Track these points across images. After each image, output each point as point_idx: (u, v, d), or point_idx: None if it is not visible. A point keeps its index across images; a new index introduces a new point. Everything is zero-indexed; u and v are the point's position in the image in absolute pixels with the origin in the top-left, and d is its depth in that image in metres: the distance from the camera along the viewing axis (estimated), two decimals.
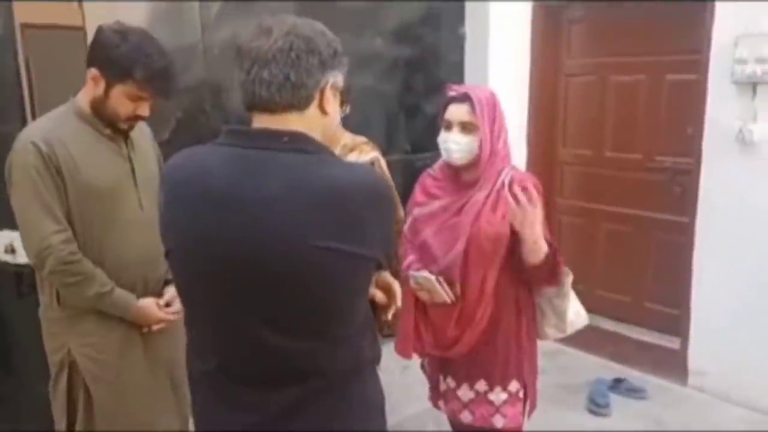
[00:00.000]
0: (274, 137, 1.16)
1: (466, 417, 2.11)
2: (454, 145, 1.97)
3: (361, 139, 2.53)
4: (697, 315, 3.28)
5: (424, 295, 2.01)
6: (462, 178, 2.05)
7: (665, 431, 3.02)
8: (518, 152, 3.97)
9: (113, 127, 1.84)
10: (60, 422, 1.93)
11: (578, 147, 3.95)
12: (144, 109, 1.82)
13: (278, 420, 1.22)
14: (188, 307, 1.28)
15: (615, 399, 3.26)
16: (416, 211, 2.13)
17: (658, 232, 3.60)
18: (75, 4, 2.40)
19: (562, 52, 3.92)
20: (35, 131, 1.77)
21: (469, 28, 3.80)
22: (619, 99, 3.70)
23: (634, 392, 3.32)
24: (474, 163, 1.99)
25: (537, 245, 1.86)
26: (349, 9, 3.33)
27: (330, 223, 1.12)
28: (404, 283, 2.07)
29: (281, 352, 1.18)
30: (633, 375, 3.49)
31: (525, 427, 2.17)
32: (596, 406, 3.18)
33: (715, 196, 3.12)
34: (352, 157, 2.44)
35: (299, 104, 1.17)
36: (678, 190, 3.43)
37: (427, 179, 2.16)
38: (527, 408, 2.11)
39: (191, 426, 1.46)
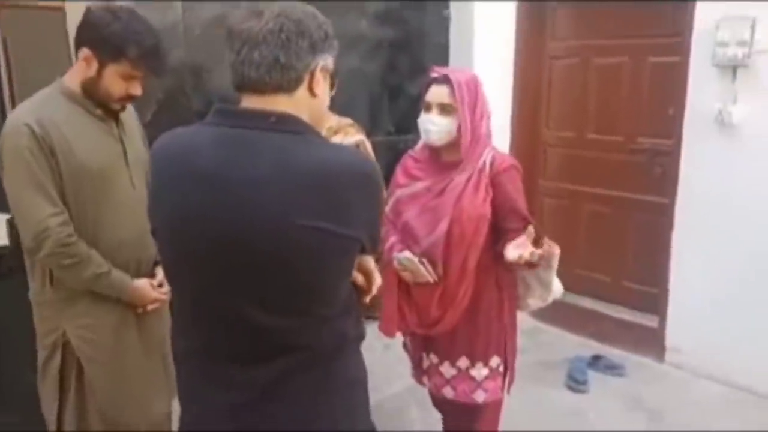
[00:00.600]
0: (261, 117, 1.17)
1: (448, 392, 2.16)
2: (432, 126, 2.00)
3: (347, 121, 2.53)
4: (675, 294, 3.35)
5: (407, 276, 2.04)
6: (443, 159, 2.07)
7: (642, 407, 3.09)
8: (502, 134, 3.99)
9: (105, 108, 1.83)
10: (50, 405, 1.92)
11: (562, 129, 3.97)
12: (136, 88, 1.81)
13: (262, 397, 1.24)
14: (174, 285, 1.30)
15: (593, 376, 3.34)
16: (398, 193, 2.16)
17: (639, 213, 3.65)
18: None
19: (546, 35, 3.92)
20: (26, 113, 1.74)
21: (454, 10, 3.78)
22: (602, 81, 3.72)
23: (613, 369, 3.39)
24: (454, 145, 2.02)
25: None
26: None
27: (316, 203, 1.13)
28: (387, 263, 2.11)
29: (266, 330, 1.20)
30: (612, 353, 3.57)
31: (505, 400, 2.24)
32: (575, 383, 3.25)
33: (694, 177, 3.17)
34: (337, 139, 2.44)
35: (288, 86, 1.18)
36: (658, 172, 3.48)
37: (409, 160, 2.18)
38: (507, 382, 2.17)
39: (176, 404, 1.48)
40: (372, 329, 2.32)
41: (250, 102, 1.20)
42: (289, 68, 1.16)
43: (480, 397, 2.12)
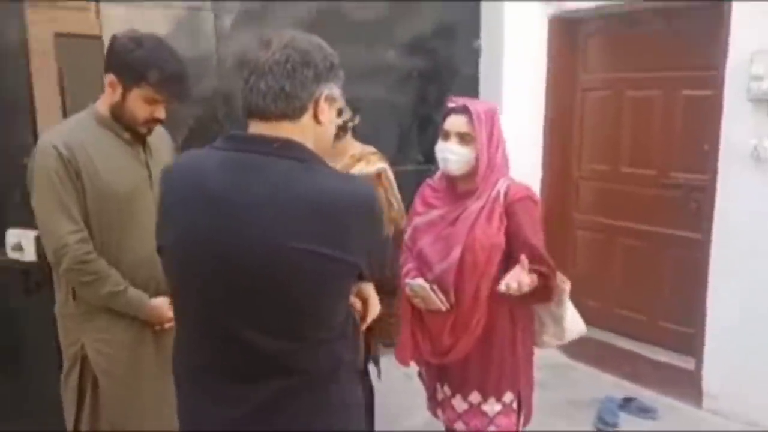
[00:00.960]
0: (266, 143, 1.21)
1: (460, 427, 2.12)
2: (451, 155, 2.01)
3: (370, 149, 2.56)
4: (712, 335, 3.20)
5: (419, 303, 2.03)
6: (459, 188, 2.07)
7: None
8: (533, 166, 3.96)
9: (132, 132, 1.90)
10: (70, 413, 1.99)
11: (594, 162, 3.91)
12: (160, 112, 1.88)
13: (258, 416, 1.25)
14: (177, 304, 1.33)
15: (624, 418, 3.20)
16: (416, 221, 2.17)
17: (674, 248, 3.53)
18: (92, 15, 2.48)
19: (578, 66, 3.90)
20: (56, 136, 1.83)
21: (485, 41, 3.81)
22: (634, 114, 3.66)
23: (645, 412, 3.25)
24: (470, 174, 2.02)
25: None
26: (362, 21, 3.37)
27: (313, 228, 1.16)
28: (404, 291, 2.10)
29: (263, 351, 1.22)
30: (645, 395, 3.42)
31: None
32: (604, 424, 3.12)
33: (730, 213, 3.06)
34: (359, 167, 2.47)
35: (293, 114, 1.22)
36: (693, 207, 3.37)
37: (427, 189, 2.19)
38: (521, 419, 2.11)
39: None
40: (392, 360, 2.31)
41: (257, 128, 1.24)
42: (293, 97, 1.21)
43: None
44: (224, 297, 1.20)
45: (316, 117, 1.25)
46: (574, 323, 2.11)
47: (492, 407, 2.05)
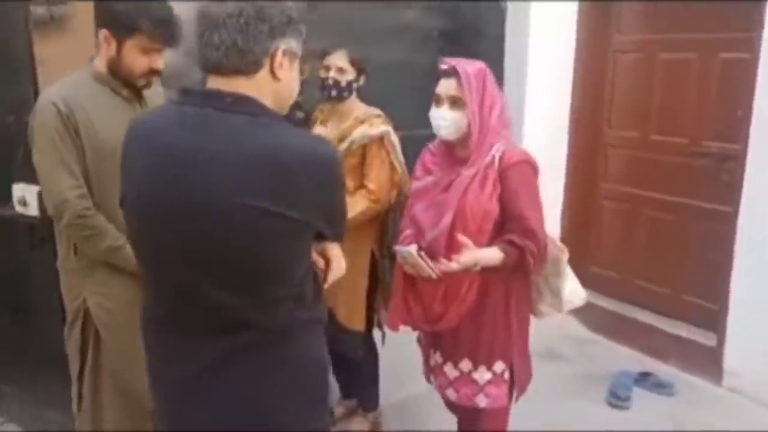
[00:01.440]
0: (219, 98, 1.20)
1: (451, 394, 2.10)
2: (442, 121, 1.95)
3: (374, 111, 2.52)
4: (735, 311, 3.07)
5: (409, 269, 2.00)
6: (456, 154, 2.02)
7: (682, 431, 2.86)
8: (560, 132, 3.83)
9: (131, 86, 1.91)
10: (74, 365, 2.06)
11: (623, 129, 3.74)
12: (157, 62, 1.88)
13: (212, 371, 1.26)
14: (137, 255, 1.34)
15: (639, 393, 3.12)
16: (413, 185, 2.14)
17: (703, 221, 3.37)
18: None
19: (612, 27, 3.70)
20: (55, 93, 1.86)
21: (511, 1, 3.66)
22: (667, 78, 3.47)
23: (661, 388, 3.16)
24: (466, 139, 1.96)
25: (484, 264, 1.86)
26: None
27: (262, 184, 1.15)
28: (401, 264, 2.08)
29: (217, 305, 1.23)
30: (663, 370, 3.32)
31: (513, 409, 2.14)
32: (616, 399, 3.05)
33: (759, 185, 2.89)
34: (362, 129, 2.44)
35: (247, 69, 1.20)
36: (725, 178, 3.20)
37: (427, 155, 2.15)
38: (515, 391, 2.07)
39: None
40: (406, 328, 2.31)
41: (214, 83, 1.22)
42: (246, 52, 1.19)
43: (482, 402, 2.03)
44: (178, 251, 1.21)
45: (272, 72, 1.22)
46: (573, 293, 2.05)
47: (482, 375, 2.01)
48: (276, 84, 1.24)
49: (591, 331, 3.79)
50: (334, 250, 1.48)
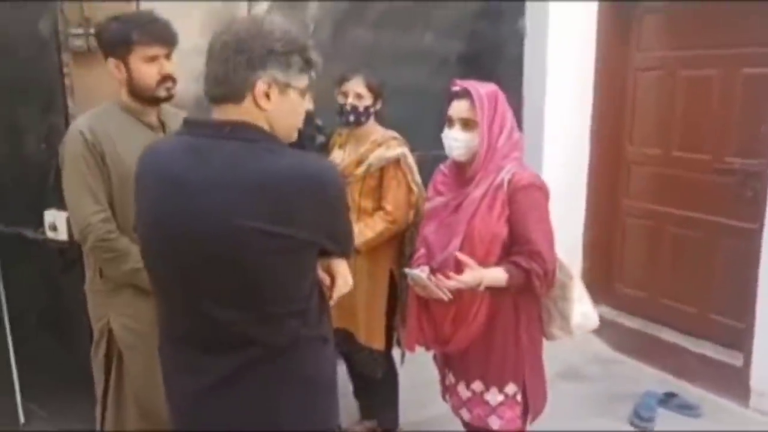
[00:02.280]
0: (219, 127, 1.27)
1: (464, 414, 2.11)
2: (454, 142, 1.98)
3: (391, 134, 2.56)
4: (762, 330, 3.00)
5: (420, 291, 2.02)
6: (465, 174, 2.04)
7: None
8: (580, 151, 3.82)
9: (154, 101, 1.98)
10: (98, 384, 2.13)
11: (645, 146, 3.72)
12: (165, 67, 1.94)
13: (221, 386, 1.31)
14: (150, 278, 1.41)
15: (664, 414, 3.07)
16: (426, 206, 2.18)
17: (728, 239, 3.32)
18: (133, 5, 2.59)
19: (632, 44, 3.70)
20: (83, 122, 1.97)
21: (530, 21, 3.68)
22: (690, 95, 3.44)
23: (687, 409, 3.10)
24: (477, 160, 1.98)
25: (489, 285, 1.89)
26: (399, 5, 3.34)
27: (259, 206, 1.20)
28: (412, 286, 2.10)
29: (222, 323, 1.28)
30: (689, 390, 3.26)
31: (535, 428, 2.13)
32: (639, 420, 3.00)
33: None
34: (380, 152, 2.48)
35: (232, 97, 1.26)
36: (750, 194, 3.15)
37: (439, 175, 2.18)
38: (529, 414, 2.06)
39: None
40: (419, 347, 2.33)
41: (215, 111, 1.30)
42: (225, 83, 1.25)
43: (495, 423, 2.03)
44: (186, 273, 1.27)
45: (255, 103, 1.26)
46: (584, 317, 2.04)
47: (494, 397, 2.02)
48: (264, 113, 1.28)
49: (615, 350, 3.74)
50: (340, 267, 1.52)
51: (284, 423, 1.33)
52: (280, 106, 1.29)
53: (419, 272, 1.96)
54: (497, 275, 1.88)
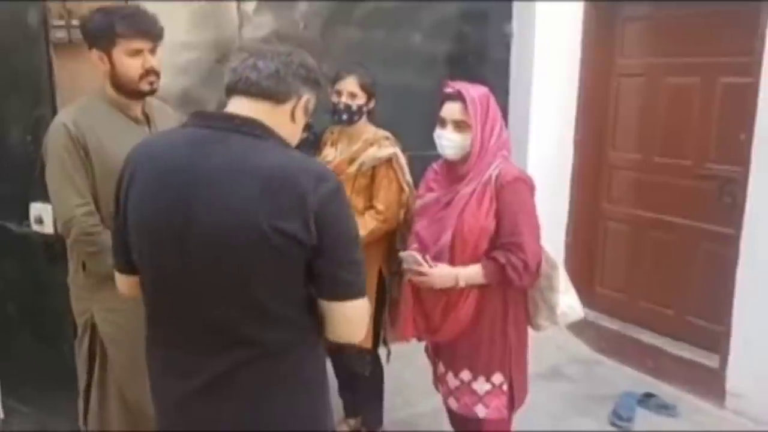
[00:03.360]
0: (227, 119, 1.27)
1: (453, 403, 2.16)
2: (447, 142, 2.03)
3: (383, 133, 2.58)
4: (738, 332, 3.08)
5: (413, 276, 2.06)
6: (456, 171, 2.09)
7: None
8: (564, 155, 3.87)
9: (137, 94, 1.97)
10: (82, 377, 2.11)
11: (627, 151, 3.79)
12: (149, 61, 1.94)
13: (212, 387, 1.30)
14: (142, 274, 1.38)
15: (642, 414, 3.14)
16: (417, 203, 2.23)
17: (706, 243, 3.40)
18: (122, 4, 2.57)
19: (615, 51, 3.77)
20: (67, 115, 1.95)
21: (517, 25, 3.73)
22: (671, 102, 3.51)
23: (664, 409, 3.17)
24: (467, 158, 2.04)
25: (467, 282, 1.99)
26: (387, 5, 3.36)
27: (269, 202, 1.19)
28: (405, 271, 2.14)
29: (217, 320, 1.27)
30: (667, 391, 3.33)
31: (513, 423, 2.19)
32: (619, 419, 3.06)
33: (762, 207, 2.92)
34: (371, 151, 2.50)
35: (277, 96, 1.29)
36: (728, 200, 3.23)
37: (430, 173, 2.23)
38: (515, 403, 2.12)
39: None
40: (417, 345, 2.36)
41: (235, 105, 1.29)
42: (283, 80, 1.29)
43: (481, 412, 2.09)
44: (181, 267, 1.25)
45: (292, 113, 1.32)
46: (569, 308, 2.10)
47: (481, 386, 2.08)
48: (290, 125, 1.34)
49: (595, 351, 3.80)
50: None
51: (276, 425, 1.32)
52: (301, 123, 1.36)
53: (413, 254, 2.03)
54: (473, 272, 1.98)
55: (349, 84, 2.46)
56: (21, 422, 2.67)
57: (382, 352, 2.74)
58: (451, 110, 2.02)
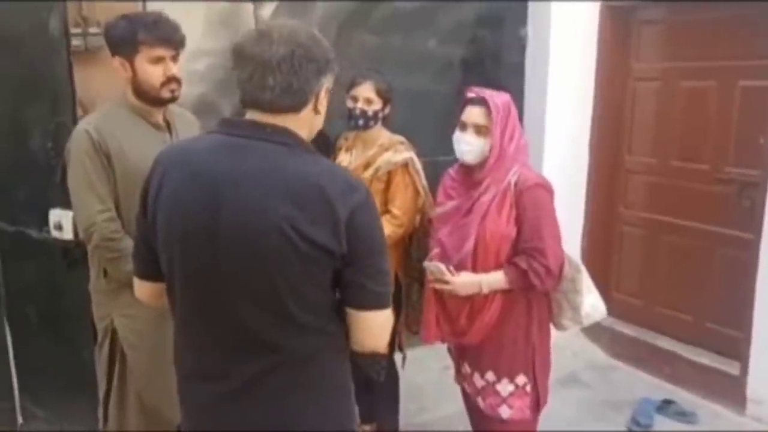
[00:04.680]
0: (258, 128, 1.26)
1: (480, 402, 2.18)
2: (466, 146, 2.04)
3: (398, 138, 2.58)
4: (758, 339, 3.04)
5: (437, 285, 2.08)
6: (473, 176, 2.10)
7: None
8: (579, 159, 3.85)
9: (159, 102, 1.98)
10: (102, 383, 2.12)
11: (643, 155, 3.76)
12: (171, 69, 1.95)
13: (241, 392, 1.30)
14: (170, 279, 1.37)
15: (661, 421, 3.11)
16: (437, 211, 2.23)
17: (725, 248, 3.36)
18: (140, 5, 2.60)
19: (631, 55, 3.74)
20: (89, 121, 1.96)
21: (532, 28, 3.71)
22: (688, 105, 3.49)
23: (683, 416, 3.13)
24: (485, 162, 2.04)
25: (490, 288, 2.01)
26: (403, 10, 3.36)
27: (301, 209, 1.19)
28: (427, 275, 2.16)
29: (247, 325, 1.26)
30: (686, 398, 3.30)
31: (538, 425, 2.21)
32: (637, 426, 3.04)
33: None
34: (387, 156, 2.50)
35: (298, 107, 1.27)
36: (746, 204, 3.20)
37: (447, 180, 2.23)
38: (540, 404, 2.13)
39: None
40: (431, 350, 2.36)
41: (256, 115, 1.27)
42: (299, 92, 1.26)
43: (505, 413, 2.10)
44: (211, 271, 1.25)
45: (315, 108, 1.30)
46: (593, 308, 2.11)
47: (505, 387, 2.10)
48: (315, 118, 1.32)
49: (612, 357, 3.77)
50: None
51: (300, 429, 1.32)
52: (324, 108, 1.33)
53: (438, 264, 2.05)
54: (496, 279, 2.00)
55: (366, 90, 2.46)
56: (39, 427, 2.69)
57: (397, 357, 2.73)
58: (473, 114, 2.03)
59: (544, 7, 3.64)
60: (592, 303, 2.09)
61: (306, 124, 1.30)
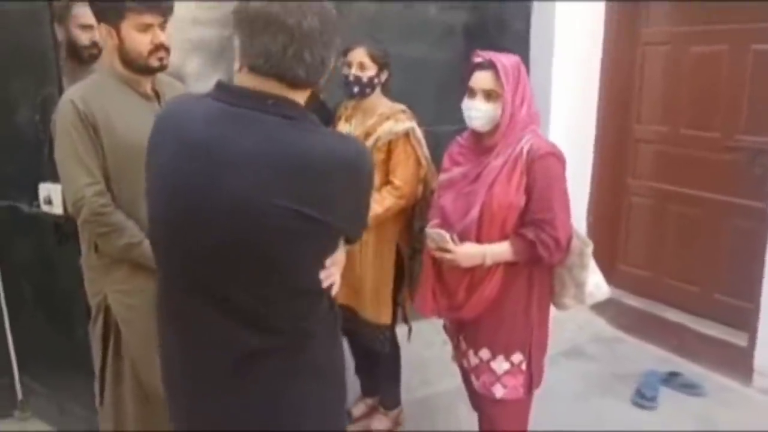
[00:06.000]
0: (260, 99, 1.18)
1: (474, 380, 2.12)
2: (476, 113, 1.96)
3: (399, 107, 2.51)
4: (767, 309, 2.98)
5: (438, 253, 2.00)
6: (483, 144, 2.02)
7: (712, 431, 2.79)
8: (586, 128, 3.76)
9: (147, 70, 1.90)
10: (96, 358, 2.09)
11: (652, 123, 3.66)
12: (159, 36, 1.86)
13: (234, 374, 1.26)
14: (156, 250, 1.34)
15: (667, 393, 3.07)
16: (441, 177, 2.15)
17: (735, 218, 3.29)
18: None
19: (639, 19, 3.62)
20: (75, 92, 1.89)
21: None
22: (698, 71, 3.38)
23: (689, 388, 3.09)
24: (495, 130, 1.96)
25: (494, 260, 1.93)
26: None
27: (294, 185, 1.14)
28: (425, 246, 2.10)
29: (235, 304, 1.22)
30: (693, 370, 3.25)
31: (534, 403, 2.14)
32: (642, 398, 3.00)
33: None
34: (388, 126, 2.43)
35: (312, 83, 1.22)
36: (758, 172, 3.11)
37: (455, 146, 2.16)
38: (533, 383, 2.07)
39: None
40: (435, 323, 2.30)
41: (258, 82, 1.18)
42: (326, 67, 1.21)
43: (498, 391, 2.04)
44: (198, 248, 1.20)
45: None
46: (597, 287, 2.03)
47: (500, 365, 2.02)
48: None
49: (618, 329, 3.73)
50: (340, 254, 1.47)
51: (292, 412, 1.29)
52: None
53: (440, 231, 1.97)
54: (501, 250, 1.91)
55: (358, 54, 2.38)
56: (40, 404, 2.68)
57: (399, 330, 2.69)
58: (481, 79, 1.94)
59: None
60: (596, 282, 2.01)
61: (305, 95, 1.25)
